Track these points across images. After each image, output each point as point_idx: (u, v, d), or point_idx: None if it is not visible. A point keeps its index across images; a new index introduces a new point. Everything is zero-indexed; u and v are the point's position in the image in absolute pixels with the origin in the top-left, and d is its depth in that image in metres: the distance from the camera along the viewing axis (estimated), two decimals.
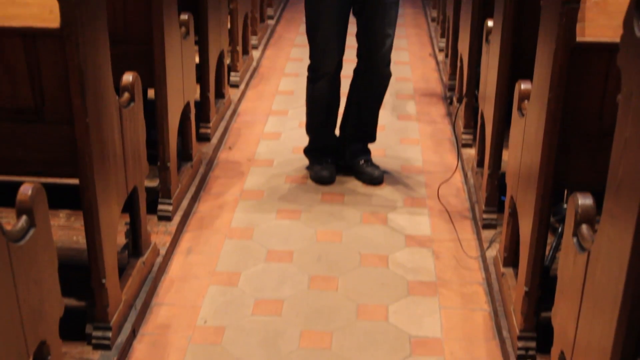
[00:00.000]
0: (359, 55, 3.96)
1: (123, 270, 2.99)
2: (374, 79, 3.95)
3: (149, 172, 3.25)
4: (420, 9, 7.54)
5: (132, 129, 2.91)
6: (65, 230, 2.93)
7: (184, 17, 3.67)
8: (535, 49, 2.74)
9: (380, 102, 4.08)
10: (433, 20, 6.82)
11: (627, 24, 1.65)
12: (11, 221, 2.09)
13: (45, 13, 2.49)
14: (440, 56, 5.91)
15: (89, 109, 2.48)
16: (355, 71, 4.02)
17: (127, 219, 3.06)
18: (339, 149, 4.17)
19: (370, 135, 4.17)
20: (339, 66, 3.90)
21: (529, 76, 2.88)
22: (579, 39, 2.46)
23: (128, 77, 2.93)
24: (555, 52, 2.46)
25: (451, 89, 5.14)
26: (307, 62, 3.96)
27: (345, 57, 3.89)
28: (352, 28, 3.85)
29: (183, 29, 3.65)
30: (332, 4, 3.68)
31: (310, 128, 4.13)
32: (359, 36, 3.89)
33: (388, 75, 3.95)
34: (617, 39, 1.73)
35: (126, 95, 2.90)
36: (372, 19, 3.77)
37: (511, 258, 3.10)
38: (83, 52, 2.42)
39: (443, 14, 5.97)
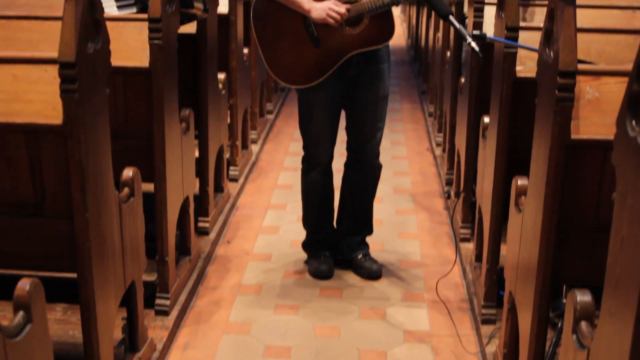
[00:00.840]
0: (349, 148, 4.01)
1: None
2: (364, 171, 4.00)
3: (147, 265, 3.25)
4: (417, 104, 7.65)
5: (131, 224, 2.92)
6: (62, 324, 2.92)
7: (185, 113, 3.73)
8: (531, 145, 2.77)
9: (373, 194, 4.10)
10: (430, 115, 6.92)
11: (620, 123, 1.68)
12: (8, 315, 2.08)
13: (48, 110, 2.53)
14: (438, 151, 5.97)
15: (88, 204, 2.49)
16: (346, 164, 4.07)
17: (124, 314, 3.04)
18: (337, 243, 4.17)
19: (367, 227, 4.18)
20: (331, 158, 3.96)
21: (525, 172, 2.91)
22: (573, 136, 2.49)
23: (128, 173, 2.95)
24: (550, 149, 2.49)
25: (449, 183, 5.17)
26: None
27: (337, 152, 3.93)
28: (342, 121, 3.90)
29: (183, 124, 3.70)
30: (324, 98, 3.75)
31: (306, 221, 4.15)
32: (348, 129, 3.94)
33: (378, 167, 4.00)
34: (611, 137, 1.76)
35: (126, 190, 2.92)
36: (362, 113, 3.83)
37: (511, 354, 3.07)
38: (84, 149, 2.45)
39: (440, 109, 6.05)
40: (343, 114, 3.90)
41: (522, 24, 3.45)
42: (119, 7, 3.64)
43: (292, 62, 3.63)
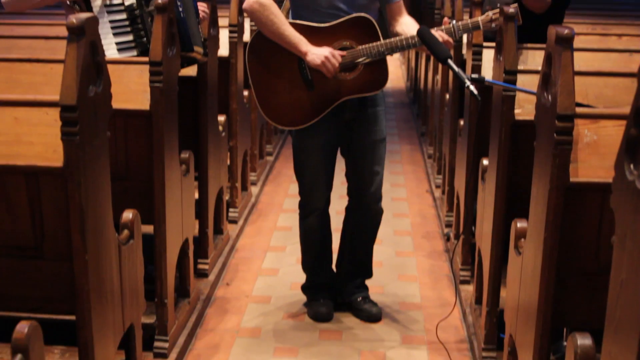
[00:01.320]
0: (349, 193, 4.01)
1: None
2: (366, 216, 3.99)
3: (146, 307, 3.24)
4: (417, 145, 7.67)
5: (131, 266, 2.92)
6: None
7: (185, 155, 3.75)
8: (531, 188, 2.78)
9: (373, 238, 4.10)
10: (429, 157, 6.93)
11: (618, 167, 1.69)
12: (6, 357, 2.07)
13: (49, 152, 2.54)
14: (437, 193, 5.97)
15: (88, 247, 2.49)
16: (347, 209, 4.07)
17: (123, 356, 3.03)
18: (336, 286, 4.16)
19: (367, 271, 4.17)
20: (327, 202, 3.95)
21: (524, 214, 2.91)
22: (572, 179, 2.51)
23: (128, 215, 2.96)
24: (549, 192, 2.50)
25: (448, 225, 5.17)
26: None
27: (338, 194, 3.93)
28: (341, 165, 3.90)
29: (183, 166, 3.72)
30: (318, 143, 3.76)
31: (305, 265, 4.14)
32: (348, 175, 3.94)
33: (380, 211, 4.00)
34: (610, 180, 1.77)
35: (125, 232, 2.92)
36: (361, 158, 3.83)
37: None
38: (84, 191, 2.46)
39: (439, 151, 6.07)
40: (341, 158, 3.91)
41: (520, 67, 3.48)
42: (119, 50, 3.67)
43: (283, 102, 3.64)
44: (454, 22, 3.55)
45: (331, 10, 3.58)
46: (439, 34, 3.49)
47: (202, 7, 4.09)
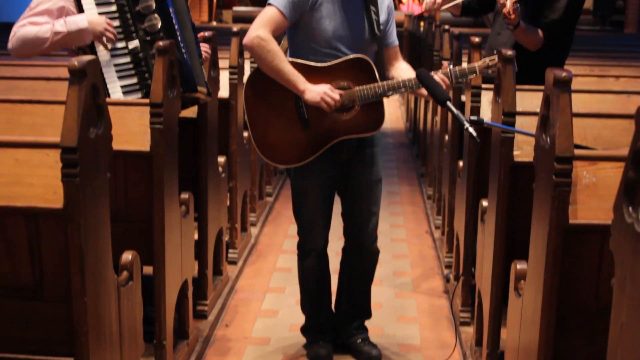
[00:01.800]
0: (345, 233, 4.01)
1: None
2: (362, 256, 3.99)
3: (145, 349, 3.22)
4: (416, 186, 7.68)
5: (130, 308, 2.91)
6: None
7: (185, 196, 3.75)
8: (530, 229, 2.79)
9: (371, 279, 4.09)
10: (429, 198, 6.94)
11: (617, 209, 1.69)
12: None
13: (49, 193, 2.55)
14: (437, 233, 5.97)
15: (87, 289, 2.49)
16: (344, 250, 4.07)
17: None
18: (336, 327, 4.14)
19: (365, 312, 4.15)
20: (325, 243, 3.95)
21: (524, 256, 2.91)
22: (571, 221, 2.51)
23: (127, 256, 2.96)
24: (549, 234, 2.51)
25: (448, 266, 5.16)
26: None
27: (337, 235, 3.92)
28: (337, 205, 3.91)
29: (183, 207, 3.72)
30: (316, 184, 3.76)
31: (304, 306, 4.13)
32: (344, 215, 3.95)
33: (376, 252, 3.99)
34: (609, 222, 1.77)
35: (125, 274, 2.92)
36: (357, 199, 3.84)
37: None
38: (84, 233, 2.46)
39: (439, 192, 6.08)
40: (338, 199, 3.91)
41: (519, 108, 3.50)
42: (124, 93, 3.69)
43: (279, 140, 3.65)
44: (452, 67, 3.58)
45: (329, 50, 3.61)
46: (438, 76, 3.52)
47: (205, 47, 4.12)
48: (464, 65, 3.66)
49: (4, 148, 2.65)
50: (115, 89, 3.65)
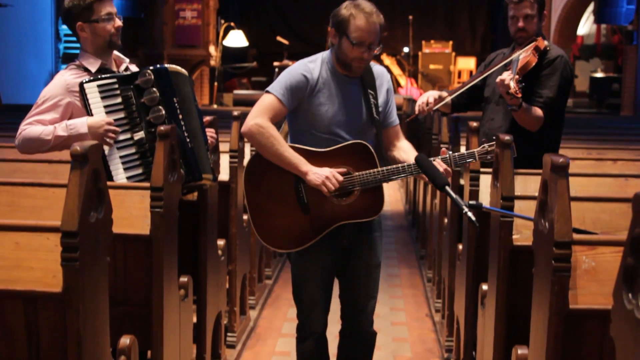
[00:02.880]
0: (342, 316, 3.99)
1: None
2: (359, 339, 3.96)
3: None
4: (416, 269, 7.66)
5: None
6: None
7: (184, 280, 3.74)
8: (531, 313, 2.78)
9: None
10: (429, 281, 6.91)
11: (617, 296, 1.70)
12: None
13: (49, 277, 2.55)
14: (437, 317, 5.93)
15: None
16: (341, 333, 4.03)
17: None
18: None
19: None
20: (324, 326, 3.93)
21: (525, 340, 2.89)
22: (572, 306, 2.51)
23: (125, 341, 2.94)
24: (549, 318, 2.50)
25: (449, 350, 5.11)
26: None
27: (335, 318, 3.90)
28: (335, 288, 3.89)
29: (182, 291, 3.71)
30: (317, 268, 3.76)
31: None
32: (342, 298, 3.93)
33: (373, 335, 3.96)
34: (610, 306, 1.77)
35: (122, 358, 2.90)
36: (355, 283, 3.83)
37: None
38: (83, 317, 2.45)
39: (439, 275, 6.06)
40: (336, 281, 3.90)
41: (517, 192, 3.52)
42: (127, 178, 3.72)
43: (278, 225, 3.65)
44: (451, 152, 3.61)
45: (329, 135, 3.64)
46: (437, 162, 3.54)
47: (210, 132, 4.14)
48: (463, 150, 3.70)
49: (4, 231, 2.67)
50: (119, 177, 3.69)
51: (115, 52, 3.96)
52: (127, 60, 4.04)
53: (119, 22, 3.85)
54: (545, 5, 4.55)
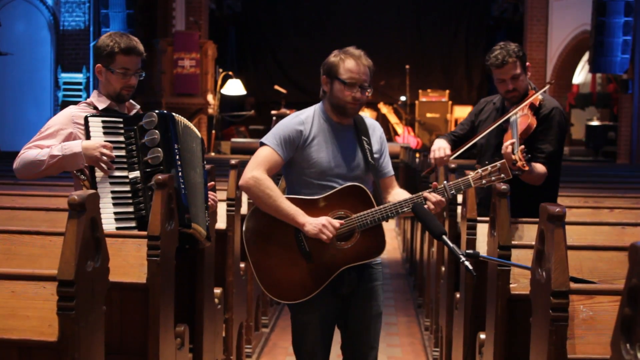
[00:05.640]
0: None
1: None
2: None
3: None
4: (413, 317, 7.63)
5: None
6: None
7: (180, 328, 3.72)
8: None
9: None
10: (427, 329, 6.88)
11: (615, 346, 1.69)
12: None
13: (44, 326, 2.54)
14: None
15: None
16: None
17: None
18: None
19: None
20: None
21: None
22: (570, 355, 2.49)
23: None
24: None
25: None
26: None
27: None
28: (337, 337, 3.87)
29: (178, 340, 3.69)
30: (317, 317, 3.74)
31: None
32: (343, 348, 3.90)
33: None
34: (608, 356, 1.76)
35: None
36: (357, 332, 3.81)
37: None
38: None
39: (436, 323, 6.03)
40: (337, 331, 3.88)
41: (514, 240, 3.52)
42: (117, 220, 3.71)
43: (284, 278, 3.64)
44: (445, 182, 3.61)
45: (325, 182, 3.66)
46: (432, 195, 3.54)
47: (213, 196, 4.12)
48: (458, 179, 3.68)
49: (0, 280, 2.66)
50: (108, 217, 3.65)
51: None
52: (138, 106, 4.08)
53: (133, 81, 3.89)
54: (526, 58, 4.51)
